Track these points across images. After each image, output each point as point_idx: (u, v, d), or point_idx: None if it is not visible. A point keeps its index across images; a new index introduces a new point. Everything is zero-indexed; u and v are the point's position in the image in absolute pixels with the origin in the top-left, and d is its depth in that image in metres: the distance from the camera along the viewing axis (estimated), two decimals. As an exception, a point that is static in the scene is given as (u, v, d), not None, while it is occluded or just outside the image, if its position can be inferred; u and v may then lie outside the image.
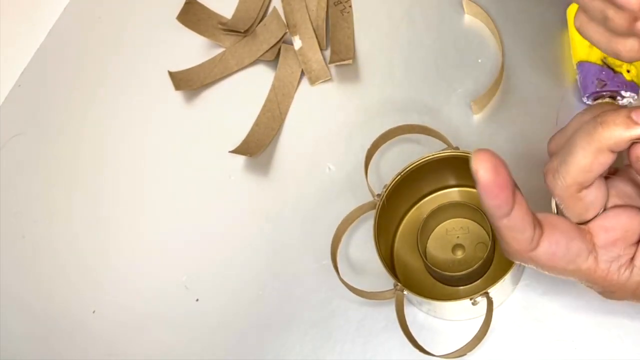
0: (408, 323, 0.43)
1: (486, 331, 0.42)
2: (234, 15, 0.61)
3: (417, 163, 0.46)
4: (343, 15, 0.58)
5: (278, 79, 0.58)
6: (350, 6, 0.59)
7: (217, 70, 0.59)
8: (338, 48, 0.57)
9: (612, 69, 0.48)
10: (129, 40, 0.64)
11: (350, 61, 0.55)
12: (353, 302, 0.48)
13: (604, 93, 0.48)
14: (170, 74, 0.58)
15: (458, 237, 0.48)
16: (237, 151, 0.54)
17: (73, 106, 0.63)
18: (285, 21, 0.59)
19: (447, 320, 0.47)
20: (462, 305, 0.43)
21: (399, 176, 0.46)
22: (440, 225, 0.49)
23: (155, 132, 0.59)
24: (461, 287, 0.47)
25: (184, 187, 0.56)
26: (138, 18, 0.65)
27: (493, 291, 0.42)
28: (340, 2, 0.59)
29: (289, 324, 0.49)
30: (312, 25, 0.58)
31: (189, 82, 0.59)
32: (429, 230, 0.48)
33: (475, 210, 0.46)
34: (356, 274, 0.49)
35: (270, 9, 0.60)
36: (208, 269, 0.53)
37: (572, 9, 0.51)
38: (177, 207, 0.56)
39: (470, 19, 0.56)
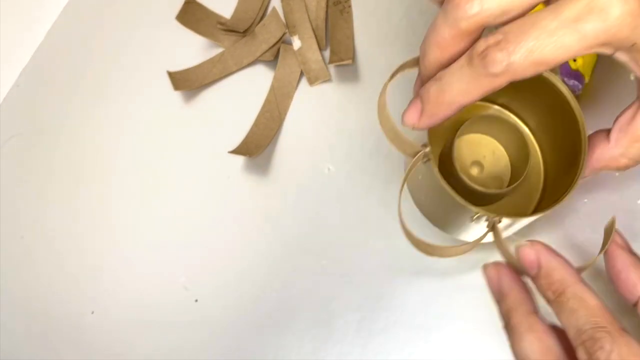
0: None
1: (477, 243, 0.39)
2: (233, 15, 0.61)
3: None
4: (342, 15, 0.58)
5: (277, 79, 0.57)
6: (350, 6, 0.59)
7: (216, 70, 0.59)
8: (337, 48, 0.57)
9: None
10: (128, 40, 0.64)
11: (349, 61, 0.55)
12: (353, 303, 0.48)
13: None
14: (170, 74, 0.58)
15: (485, 156, 0.44)
16: (236, 151, 0.54)
17: (72, 106, 0.62)
18: (284, 21, 0.59)
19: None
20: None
21: None
22: (475, 135, 0.44)
23: (154, 132, 0.59)
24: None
25: (183, 187, 0.56)
26: (137, 18, 0.65)
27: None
28: (340, 2, 0.59)
29: (288, 324, 0.49)
30: (312, 26, 0.58)
31: (188, 82, 0.59)
32: (462, 133, 0.43)
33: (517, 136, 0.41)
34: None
35: (270, 9, 0.60)
36: (207, 270, 0.53)
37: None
38: (175, 208, 0.56)
39: (470, 19, 0.56)
